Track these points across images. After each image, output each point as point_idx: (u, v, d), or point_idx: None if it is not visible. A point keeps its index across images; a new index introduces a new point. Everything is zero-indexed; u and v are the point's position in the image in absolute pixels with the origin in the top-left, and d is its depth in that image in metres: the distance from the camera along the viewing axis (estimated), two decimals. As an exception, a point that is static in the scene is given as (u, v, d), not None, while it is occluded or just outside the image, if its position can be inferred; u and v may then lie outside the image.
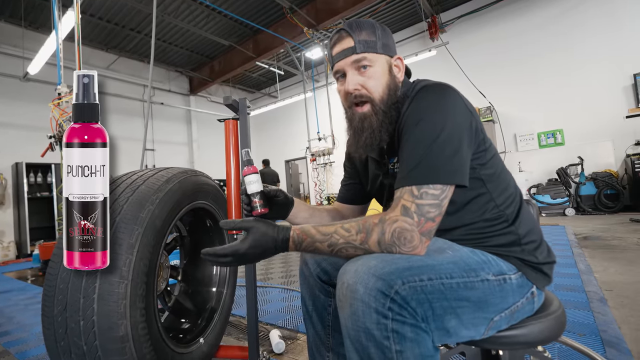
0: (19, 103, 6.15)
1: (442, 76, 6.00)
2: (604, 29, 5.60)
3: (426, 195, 0.62)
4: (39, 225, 5.79)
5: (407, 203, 0.62)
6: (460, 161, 0.65)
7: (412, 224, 0.60)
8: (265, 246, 0.64)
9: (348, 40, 0.74)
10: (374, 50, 0.74)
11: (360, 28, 0.75)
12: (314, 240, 0.64)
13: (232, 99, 1.02)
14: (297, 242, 0.65)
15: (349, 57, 0.74)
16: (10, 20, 5.95)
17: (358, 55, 0.73)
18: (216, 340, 1.14)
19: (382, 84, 0.74)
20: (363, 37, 0.74)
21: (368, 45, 0.73)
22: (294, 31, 6.52)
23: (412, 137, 0.67)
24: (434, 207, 0.62)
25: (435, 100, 0.68)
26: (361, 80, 0.74)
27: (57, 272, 0.72)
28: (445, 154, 0.64)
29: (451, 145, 0.64)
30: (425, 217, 0.61)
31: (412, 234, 0.60)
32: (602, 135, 5.63)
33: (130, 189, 0.82)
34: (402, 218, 0.61)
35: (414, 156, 0.65)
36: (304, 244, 0.64)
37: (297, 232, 0.65)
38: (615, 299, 1.69)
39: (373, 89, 0.74)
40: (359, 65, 0.74)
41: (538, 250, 0.73)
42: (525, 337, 0.69)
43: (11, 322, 2.16)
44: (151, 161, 8.19)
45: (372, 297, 0.53)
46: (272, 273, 2.99)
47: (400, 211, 0.61)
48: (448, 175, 0.63)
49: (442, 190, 0.63)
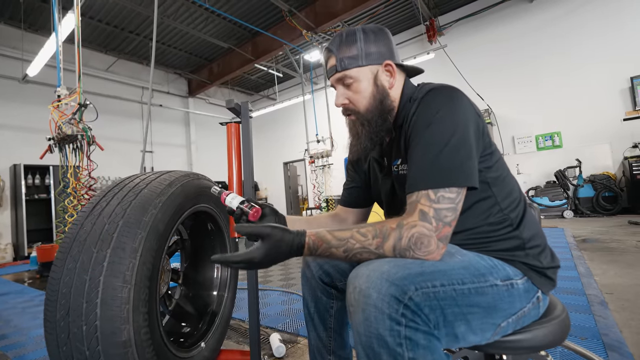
0: (18, 105, 6.13)
1: (440, 79, 6.06)
2: (602, 32, 5.65)
3: (443, 199, 0.61)
4: (36, 227, 5.75)
5: (424, 207, 0.61)
6: (473, 163, 0.65)
7: (430, 229, 0.60)
8: (279, 252, 0.62)
9: (332, 59, 0.79)
10: (355, 64, 0.76)
11: (343, 44, 0.78)
12: (329, 245, 0.63)
13: (234, 103, 1.02)
14: (312, 248, 0.63)
15: (334, 75, 0.79)
16: (9, 22, 5.94)
17: (339, 73, 0.78)
18: (217, 345, 1.13)
19: (367, 96, 0.77)
20: (344, 53, 0.77)
21: (349, 61, 0.77)
22: (293, 34, 6.54)
23: (423, 140, 0.67)
24: (451, 211, 0.61)
25: (445, 103, 0.68)
26: (347, 95, 0.79)
27: (60, 277, 0.72)
28: (459, 156, 0.64)
29: (464, 147, 0.64)
30: (443, 221, 0.61)
31: (429, 240, 0.60)
32: (600, 137, 5.66)
33: (133, 193, 0.82)
34: (420, 223, 0.60)
35: (426, 159, 0.65)
36: (320, 250, 0.63)
37: (313, 237, 0.64)
38: (616, 302, 1.70)
39: (357, 102, 0.78)
40: (343, 82, 0.78)
41: (542, 254, 0.73)
42: (530, 341, 0.69)
43: (8, 325, 2.14)
44: (150, 163, 8.16)
45: (386, 303, 0.53)
46: (272, 276, 2.98)
47: (419, 216, 0.61)
48: (463, 178, 0.63)
49: (457, 193, 0.62)
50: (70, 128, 2.85)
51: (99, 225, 0.75)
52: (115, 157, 7.04)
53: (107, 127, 7.00)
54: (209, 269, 1.26)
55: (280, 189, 10.35)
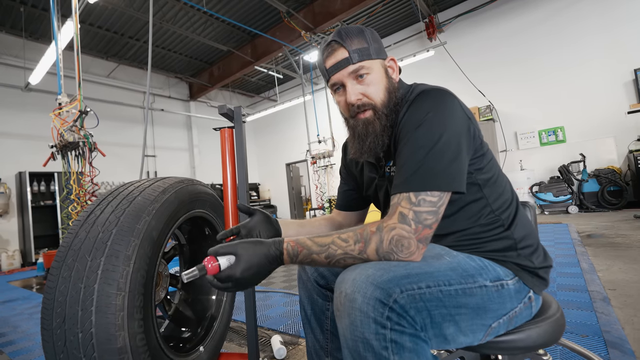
0: (21, 113, 6.21)
1: (440, 76, 6.01)
2: (604, 24, 5.58)
3: (424, 202, 0.61)
4: (43, 233, 5.83)
5: (404, 210, 0.61)
6: (459, 167, 0.65)
7: (409, 231, 0.60)
8: (258, 265, 0.61)
9: (341, 52, 0.74)
10: (368, 57, 0.73)
11: (351, 36, 0.74)
12: (310, 252, 0.62)
13: (227, 108, 1.02)
14: (292, 254, 0.63)
15: (346, 69, 0.73)
16: (11, 31, 6.02)
17: (355, 65, 0.73)
18: (216, 348, 1.14)
19: (382, 89, 0.74)
20: (355, 45, 0.73)
21: (362, 53, 0.73)
22: (292, 35, 6.55)
23: (410, 142, 0.66)
24: (431, 214, 0.61)
25: (434, 106, 0.67)
26: (362, 89, 0.74)
27: (56, 285, 0.73)
28: (444, 160, 0.63)
29: (450, 151, 0.64)
30: (423, 224, 0.61)
31: (409, 241, 0.60)
32: (604, 131, 5.60)
33: (127, 201, 0.83)
34: (399, 225, 0.60)
35: (412, 161, 0.64)
36: (300, 256, 0.63)
37: (292, 244, 0.63)
38: (619, 298, 1.68)
39: (374, 95, 0.74)
40: (357, 75, 0.73)
41: (534, 254, 0.72)
42: (523, 341, 0.69)
43: (16, 331, 2.18)
44: (152, 167, 8.23)
45: (371, 307, 0.53)
46: (274, 277, 2.99)
47: (398, 218, 0.61)
48: (446, 182, 0.63)
49: (439, 197, 0.62)
50: (71, 135, 2.89)
51: (93, 233, 0.76)
52: (119, 162, 7.11)
53: (111, 133, 7.07)
54: (207, 273, 1.27)
55: (283, 190, 10.36)
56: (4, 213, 5.82)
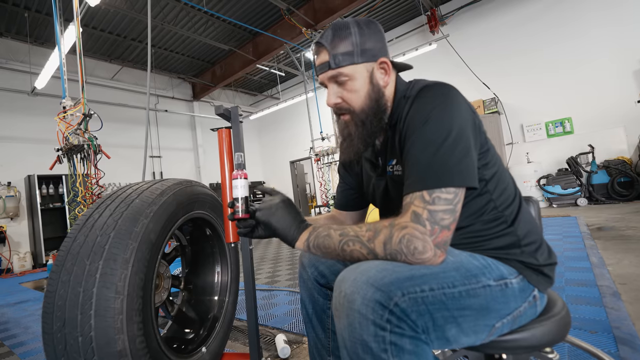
0: (29, 117, 6.31)
1: (444, 69, 5.91)
2: (611, 13, 5.44)
3: (438, 200, 0.58)
4: (53, 235, 5.93)
5: (418, 209, 0.58)
6: (471, 162, 0.62)
7: (423, 232, 0.57)
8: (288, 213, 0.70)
9: (324, 54, 0.73)
10: (350, 61, 0.71)
11: (336, 38, 0.71)
12: (329, 227, 0.66)
13: (223, 108, 1.01)
14: (314, 226, 0.69)
15: (326, 72, 0.73)
16: (16, 37, 6.10)
17: (334, 71, 0.72)
18: (219, 349, 1.14)
19: (362, 96, 0.73)
20: (338, 49, 0.71)
21: (344, 58, 0.71)
22: (293, 32, 6.52)
23: (419, 139, 0.64)
24: (448, 213, 0.58)
25: (440, 101, 0.65)
26: (340, 93, 0.74)
27: (55, 289, 0.73)
28: (456, 155, 0.60)
29: (460, 145, 0.61)
30: (440, 225, 0.57)
31: (424, 244, 0.57)
32: (613, 121, 5.47)
33: (125, 204, 0.83)
34: (412, 225, 0.57)
35: (422, 158, 0.62)
36: (319, 230, 0.67)
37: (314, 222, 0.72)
38: (630, 292, 1.64)
39: (352, 101, 0.73)
40: (336, 80, 0.73)
41: (538, 251, 0.70)
42: (528, 340, 0.67)
43: (27, 332, 2.22)
44: (158, 168, 8.30)
45: (370, 309, 0.52)
46: (279, 276, 3.00)
47: (411, 217, 0.58)
48: (460, 177, 0.60)
49: (455, 193, 0.59)
50: (76, 138, 2.92)
51: (92, 237, 0.76)
52: (125, 164, 7.18)
53: (116, 135, 7.15)
54: (210, 274, 1.27)
55: (288, 187, 10.38)
56: (15, 216, 5.93)
